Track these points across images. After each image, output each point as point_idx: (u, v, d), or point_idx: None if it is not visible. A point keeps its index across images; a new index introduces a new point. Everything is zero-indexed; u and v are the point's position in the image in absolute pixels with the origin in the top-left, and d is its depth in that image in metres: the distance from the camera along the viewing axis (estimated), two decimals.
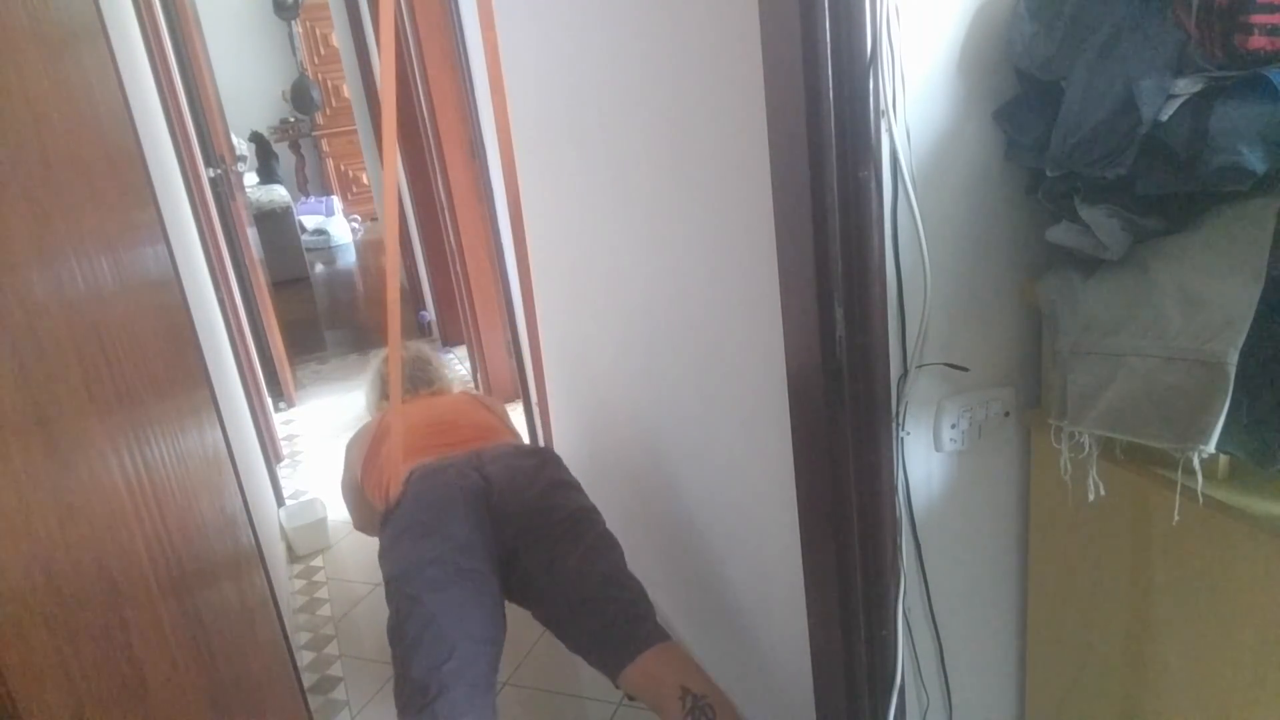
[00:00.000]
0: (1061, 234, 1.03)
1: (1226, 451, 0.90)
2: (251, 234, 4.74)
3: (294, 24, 8.03)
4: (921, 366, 1.13)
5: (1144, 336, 0.92)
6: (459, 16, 2.69)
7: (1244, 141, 0.81)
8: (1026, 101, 1.03)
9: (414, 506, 1.73)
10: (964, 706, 1.36)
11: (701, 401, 1.65)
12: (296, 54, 8.16)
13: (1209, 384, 0.84)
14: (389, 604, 1.63)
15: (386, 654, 1.58)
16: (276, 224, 6.50)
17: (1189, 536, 0.98)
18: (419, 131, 3.54)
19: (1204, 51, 0.83)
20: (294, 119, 8.43)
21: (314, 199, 8.19)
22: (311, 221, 7.69)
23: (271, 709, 1.32)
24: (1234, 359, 0.82)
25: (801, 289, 1.13)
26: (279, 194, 6.69)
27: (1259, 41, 0.79)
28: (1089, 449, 1.04)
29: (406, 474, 1.82)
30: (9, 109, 0.66)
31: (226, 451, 1.58)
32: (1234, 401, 0.83)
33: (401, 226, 4.62)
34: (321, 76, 8.29)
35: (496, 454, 1.89)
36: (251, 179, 7.59)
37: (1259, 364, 0.85)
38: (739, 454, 1.55)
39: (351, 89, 4.98)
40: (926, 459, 1.20)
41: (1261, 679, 0.94)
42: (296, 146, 8.56)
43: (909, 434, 1.17)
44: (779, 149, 1.12)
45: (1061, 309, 1.04)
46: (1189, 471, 0.92)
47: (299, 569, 2.72)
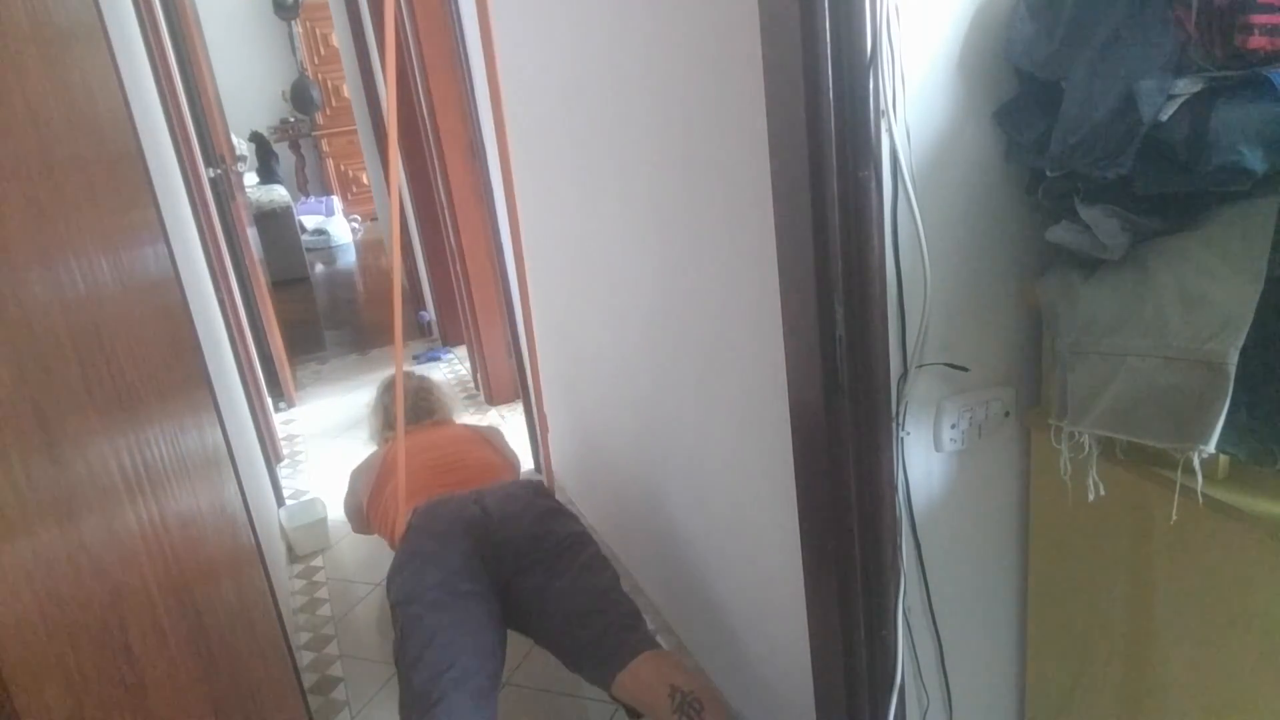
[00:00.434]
0: (1061, 234, 1.03)
1: (1226, 451, 0.90)
2: (251, 234, 4.73)
3: (294, 24, 8.04)
4: (921, 366, 1.13)
5: (1144, 336, 0.92)
6: (459, 16, 2.69)
7: (1244, 141, 0.81)
8: (1026, 101, 1.03)
9: (416, 537, 1.85)
10: (964, 706, 1.36)
11: (701, 401, 1.65)
12: (296, 54, 8.16)
13: (1209, 384, 0.84)
14: (394, 628, 1.70)
15: (386, 654, 1.60)
16: (276, 224, 6.50)
17: (1189, 536, 0.98)
18: (419, 131, 3.53)
19: (1204, 51, 0.83)
20: (294, 119, 8.43)
21: (314, 199, 8.19)
22: (311, 221, 7.69)
23: (271, 709, 1.32)
24: (1234, 359, 0.82)
25: (801, 289, 1.13)
26: (279, 194, 6.69)
27: (1259, 41, 0.79)
28: (1089, 449, 1.04)
29: (409, 512, 1.96)
30: (9, 109, 0.66)
31: (226, 451, 1.58)
32: (1234, 401, 0.83)
33: (401, 226, 4.62)
34: (321, 76, 8.30)
35: (494, 489, 2.03)
36: (251, 179, 7.59)
37: (1259, 364, 0.85)
38: (738, 454, 1.55)
39: (351, 89, 4.98)
40: (926, 459, 1.20)
41: (1262, 679, 0.94)
42: (296, 146, 8.57)
43: (909, 434, 1.17)
44: (779, 149, 1.12)
45: (1061, 309, 1.04)
46: (1189, 471, 0.92)
47: (299, 569, 2.72)
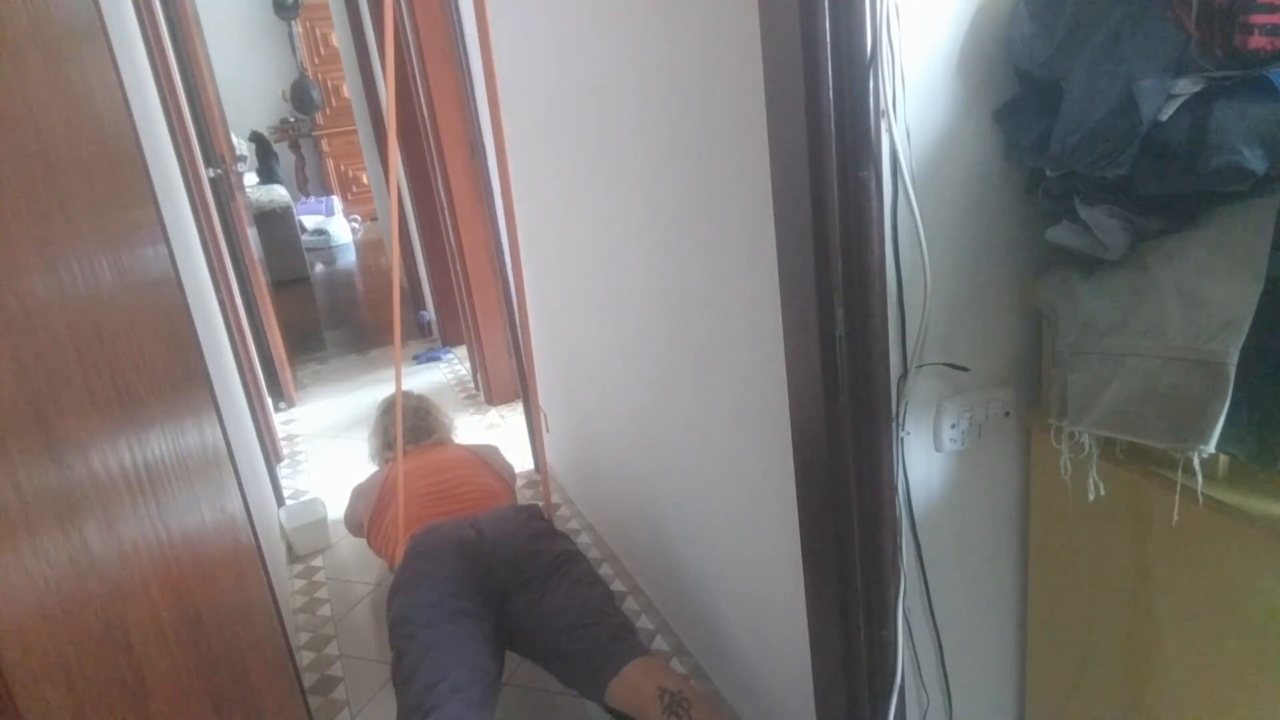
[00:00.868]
0: (1061, 234, 1.03)
1: (1226, 451, 0.90)
2: (251, 234, 4.73)
3: (294, 24, 8.04)
4: (921, 366, 1.13)
5: (1144, 336, 0.92)
6: (459, 16, 2.69)
7: (1244, 141, 0.81)
8: (1026, 101, 1.03)
9: (412, 560, 1.91)
10: (964, 706, 1.36)
11: (701, 401, 1.65)
12: (296, 54, 8.16)
13: (1209, 384, 0.84)
14: (391, 648, 1.74)
15: (386, 654, 1.60)
16: (276, 224, 6.51)
17: (1189, 536, 0.98)
18: (419, 131, 3.53)
19: (1204, 51, 0.83)
20: (294, 119, 8.43)
21: (314, 199, 8.19)
22: (311, 221, 7.69)
23: (271, 709, 1.32)
24: (1234, 359, 0.82)
25: (801, 289, 1.13)
26: (279, 194, 6.69)
27: (1259, 41, 0.79)
28: (1089, 449, 1.04)
29: (408, 539, 2.02)
30: (9, 109, 0.66)
31: (226, 451, 1.58)
32: (1234, 401, 0.83)
33: (401, 226, 4.62)
34: (321, 76, 8.30)
35: (489, 514, 2.09)
36: (251, 179, 7.59)
37: (1259, 364, 0.85)
38: (738, 454, 1.55)
39: (351, 89, 4.98)
40: (926, 459, 1.20)
41: (1261, 679, 0.94)
42: (296, 146, 8.57)
43: (909, 434, 1.17)
44: (779, 149, 1.12)
45: (1061, 309, 1.04)
46: (1189, 471, 0.92)
47: (299, 569, 2.72)
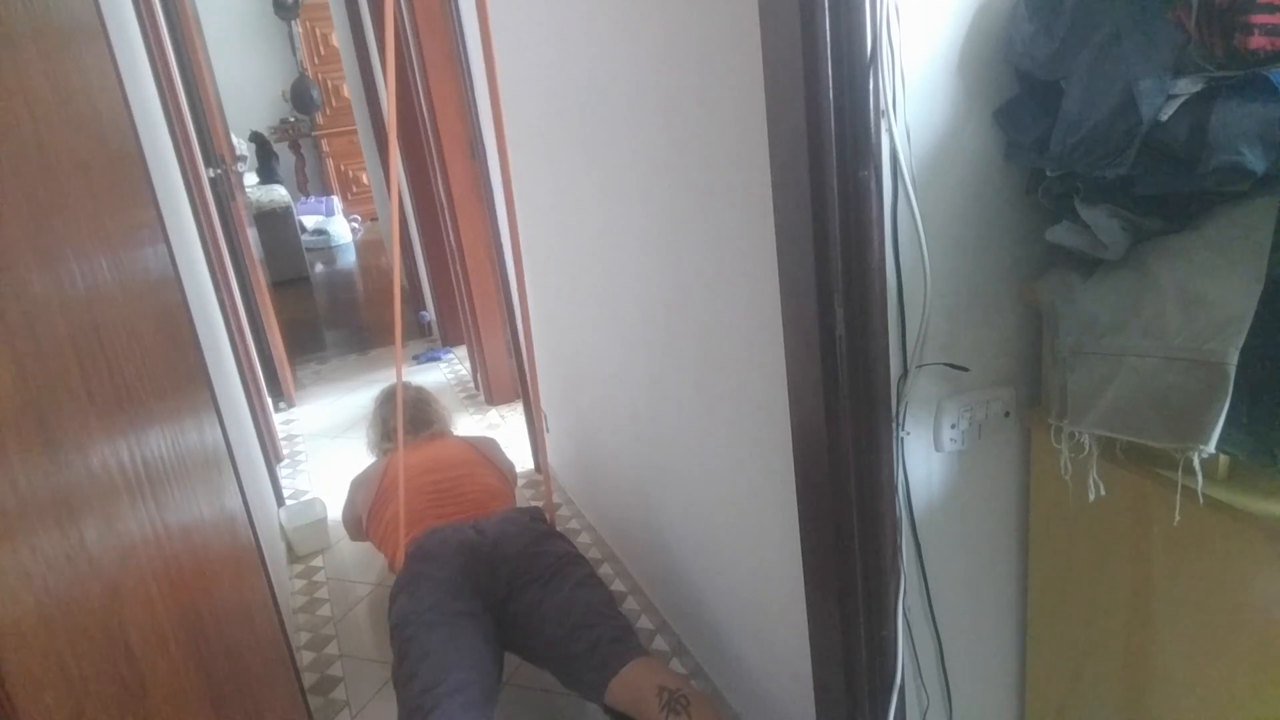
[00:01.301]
0: (1061, 234, 1.03)
1: (1226, 451, 0.90)
2: (251, 234, 4.73)
3: (294, 24, 8.04)
4: (921, 366, 1.13)
5: (1144, 336, 0.92)
6: (459, 16, 2.69)
7: (1244, 141, 0.81)
8: (1026, 101, 1.03)
9: (412, 563, 1.92)
10: (964, 706, 1.36)
11: (701, 401, 1.65)
12: (296, 54, 8.16)
13: (1209, 384, 0.84)
14: (392, 650, 1.75)
15: (386, 654, 1.60)
16: (276, 224, 6.51)
17: (1189, 536, 0.98)
18: (419, 131, 3.53)
19: (1204, 51, 0.83)
20: (294, 119, 8.43)
21: (314, 199, 8.19)
22: (311, 221, 7.69)
23: (271, 709, 1.32)
24: (1234, 359, 0.82)
25: (801, 289, 1.13)
26: (279, 194, 6.69)
27: (1259, 41, 0.79)
28: (1089, 449, 1.04)
29: (409, 542, 2.03)
30: (9, 109, 0.66)
31: (226, 451, 1.58)
32: (1234, 401, 0.83)
33: (401, 226, 4.62)
34: (321, 76, 8.29)
35: (491, 516, 2.10)
36: (251, 179, 7.59)
37: (1259, 364, 0.85)
38: (738, 454, 1.55)
39: (351, 89, 4.97)
40: (926, 459, 1.20)
41: (1261, 679, 0.94)
42: (296, 146, 8.56)
43: (909, 434, 1.17)
44: (779, 149, 1.12)
45: (1061, 309, 1.04)
46: (1189, 471, 0.92)
47: (299, 569, 2.72)
